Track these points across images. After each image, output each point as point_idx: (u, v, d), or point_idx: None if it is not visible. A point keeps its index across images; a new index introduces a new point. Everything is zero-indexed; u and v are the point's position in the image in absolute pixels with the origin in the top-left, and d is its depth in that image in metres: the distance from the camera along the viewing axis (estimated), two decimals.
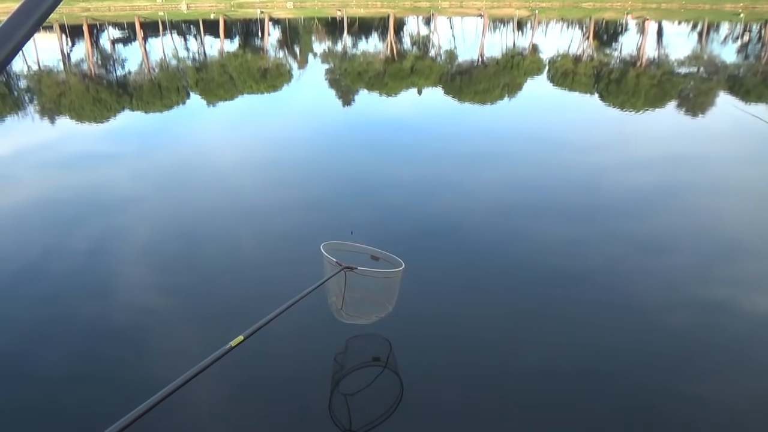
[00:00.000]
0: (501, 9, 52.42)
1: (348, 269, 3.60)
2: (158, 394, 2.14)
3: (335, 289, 3.77)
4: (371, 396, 3.60)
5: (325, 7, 55.89)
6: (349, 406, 3.52)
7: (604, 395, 3.54)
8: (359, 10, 52.34)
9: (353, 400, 3.56)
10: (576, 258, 5.36)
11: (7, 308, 4.62)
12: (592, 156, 8.83)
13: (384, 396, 3.56)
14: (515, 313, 4.45)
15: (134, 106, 14.02)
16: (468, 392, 3.57)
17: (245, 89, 16.56)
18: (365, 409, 3.46)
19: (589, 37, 30.69)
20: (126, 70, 21.11)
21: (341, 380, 3.77)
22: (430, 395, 3.55)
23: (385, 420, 3.35)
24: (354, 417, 3.42)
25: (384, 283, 3.75)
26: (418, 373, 3.76)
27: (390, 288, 3.80)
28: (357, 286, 3.67)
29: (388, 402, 3.49)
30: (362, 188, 7.44)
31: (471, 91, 15.67)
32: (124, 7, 55.07)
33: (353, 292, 3.70)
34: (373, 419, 3.36)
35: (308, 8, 55.26)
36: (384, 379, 3.75)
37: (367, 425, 3.32)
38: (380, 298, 3.84)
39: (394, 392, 3.59)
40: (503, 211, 6.55)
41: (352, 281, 3.63)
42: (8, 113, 13.50)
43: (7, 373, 3.83)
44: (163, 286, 4.95)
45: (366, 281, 3.63)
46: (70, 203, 7.05)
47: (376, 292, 3.79)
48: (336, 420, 3.37)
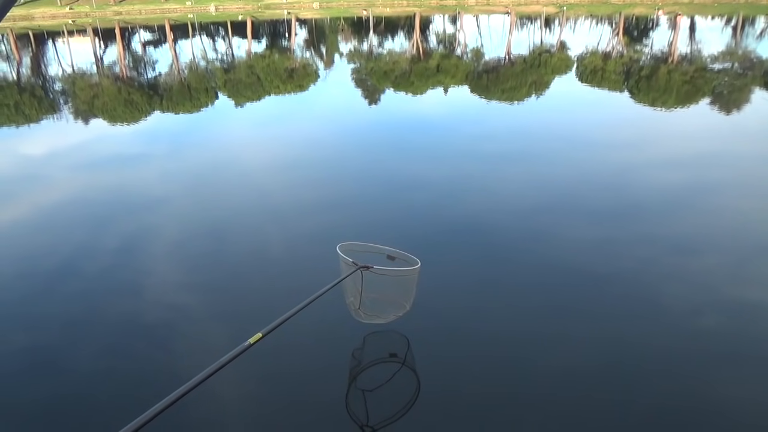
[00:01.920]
0: (528, 6, 51.89)
1: (364, 268, 3.63)
2: (179, 389, 2.21)
3: (352, 289, 3.79)
4: (388, 392, 3.61)
5: (351, 6, 56.08)
6: (366, 402, 3.53)
7: (630, 396, 3.48)
8: (385, 10, 52.39)
9: (370, 396, 3.58)
10: (604, 258, 5.28)
11: (43, 304, 4.76)
12: (622, 154, 8.67)
13: (401, 392, 3.57)
14: (540, 312, 4.40)
15: (164, 108, 14.30)
16: (490, 390, 3.55)
17: (272, 90, 16.74)
18: (382, 405, 3.48)
19: (618, 33, 30.16)
20: (156, 72, 21.53)
21: (358, 376, 3.79)
22: (449, 392, 3.54)
23: (402, 416, 3.36)
24: (371, 412, 3.42)
25: (400, 282, 3.76)
26: (436, 369, 3.76)
27: (407, 286, 3.80)
28: (374, 286, 3.68)
29: (405, 398, 3.50)
30: (388, 187, 7.46)
31: (498, 90, 15.54)
32: (155, 10, 56.12)
33: (370, 292, 3.72)
34: (390, 415, 3.36)
35: (334, 8, 55.53)
36: (401, 375, 3.76)
37: (383, 421, 3.34)
38: (397, 297, 3.86)
39: (411, 389, 3.59)
40: (530, 211, 6.49)
41: (368, 281, 3.65)
42: (44, 115, 13.90)
43: (42, 366, 3.94)
44: (190, 283, 5.04)
45: (382, 280, 3.65)
46: (102, 203, 7.23)
47: (393, 291, 3.80)
48: (353, 415, 3.39)
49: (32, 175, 8.65)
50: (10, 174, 8.74)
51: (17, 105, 15.12)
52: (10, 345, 4.19)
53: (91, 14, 54.01)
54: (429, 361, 3.86)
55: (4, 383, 3.76)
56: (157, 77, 19.91)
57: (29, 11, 54.01)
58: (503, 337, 4.12)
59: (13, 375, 3.85)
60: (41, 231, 6.39)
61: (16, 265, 5.52)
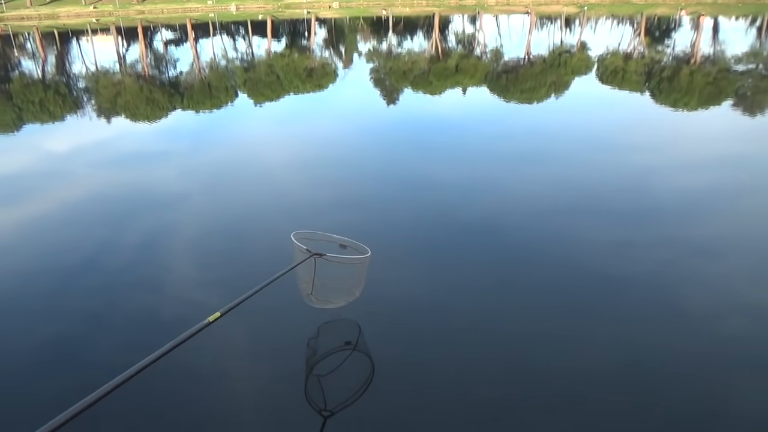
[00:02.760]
0: (549, 6, 51.47)
1: (317, 255, 3.77)
2: (138, 364, 2.39)
3: (305, 275, 3.92)
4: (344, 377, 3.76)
5: (371, 6, 56.13)
6: (323, 388, 3.66)
7: (648, 399, 3.45)
8: (404, 9, 52.35)
9: (326, 382, 3.71)
10: (622, 260, 5.23)
11: (64, 298, 4.86)
12: (642, 156, 8.58)
13: (356, 378, 3.71)
14: (556, 313, 4.38)
15: (185, 106, 14.46)
16: (506, 393, 3.55)
17: (291, 89, 16.83)
18: (339, 390, 3.60)
19: (640, 33, 29.78)
20: (178, 70, 21.78)
21: (316, 364, 3.91)
22: (456, 395, 3.55)
23: (358, 399, 3.51)
24: (328, 397, 3.56)
25: (351, 270, 3.94)
26: (450, 370, 3.76)
27: (357, 274, 3.98)
28: (326, 273, 3.84)
29: (359, 383, 3.65)
30: (405, 187, 7.47)
31: (517, 90, 15.46)
32: (177, 9, 56.71)
33: (322, 279, 3.88)
34: (347, 398, 3.51)
35: (354, 8, 55.61)
36: (355, 361, 3.92)
37: (341, 404, 3.48)
38: (348, 284, 4.03)
39: (366, 374, 3.75)
40: (547, 212, 6.45)
41: (321, 268, 3.81)
42: (68, 113, 14.15)
43: (63, 359, 4.03)
44: (208, 280, 5.11)
45: (335, 268, 3.81)
46: (123, 199, 7.35)
47: (344, 278, 3.98)
48: (311, 401, 3.52)
49: (56, 172, 8.83)
50: (35, 170, 8.92)
51: (42, 102, 15.41)
52: (33, 337, 4.29)
53: (115, 13, 54.76)
54: (444, 362, 3.87)
55: (28, 375, 3.86)
56: (179, 76, 20.15)
57: (54, 10, 54.93)
58: (518, 337, 4.12)
59: (35, 367, 3.95)
60: (64, 226, 6.52)
61: (40, 259, 5.64)
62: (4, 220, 6.74)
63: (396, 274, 5.07)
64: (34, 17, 52.79)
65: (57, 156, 9.86)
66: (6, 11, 52.91)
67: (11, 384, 3.78)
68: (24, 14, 53.15)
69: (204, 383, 3.75)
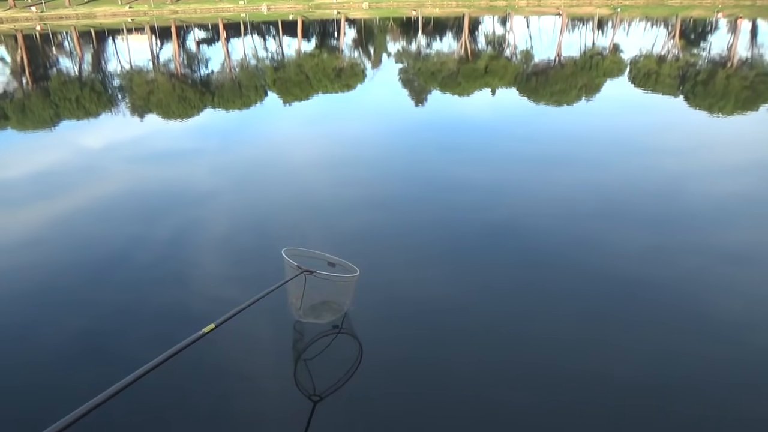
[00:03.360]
0: (581, 7, 50.79)
1: (307, 272, 3.83)
2: (137, 372, 2.53)
3: (295, 291, 3.98)
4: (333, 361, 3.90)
5: (401, 7, 56.15)
6: (312, 373, 3.80)
7: (674, 408, 3.38)
8: (434, 10, 52.24)
9: (314, 366, 3.88)
10: (651, 266, 5.13)
11: (95, 292, 4.98)
12: (674, 161, 8.40)
13: (345, 365, 3.83)
14: (580, 319, 4.32)
15: (215, 104, 14.68)
16: (529, 400, 3.52)
17: (320, 88, 16.94)
18: (328, 376, 3.74)
19: (674, 36, 29.17)
20: (209, 69, 22.12)
21: (305, 349, 4.07)
22: (471, 395, 3.53)
23: (346, 383, 3.66)
24: (317, 383, 3.69)
25: (340, 287, 4.02)
26: (466, 371, 3.74)
27: (345, 291, 4.07)
28: (315, 290, 3.92)
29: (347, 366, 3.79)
30: (432, 188, 7.45)
31: (547, 92, 15.29)
32: (209, 9, 57.58)
33: (311, 295, 3.97)
34: (335, 382, 3.65)
35: (383, 8, 55.71)
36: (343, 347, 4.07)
37: (329, 389, 3.62)
38: (336, 301, 4.14)
39: (354, 359, 3.88)
40: (575, 216, 6.36)
41: (310, 285, 3.87)
42: (103, 110, 14.49)
43: (91, 351, 4.13)
44: (235, 276, 5.17)
45: (323, 284, 3.89)
46: (154, 195, 7.50)
47: (333, 295, 4.08)
48: (301, 387, 3.66)
49: (90, 167, 9.05)
50: (70, 165, 9.16)
51: (78, 99, 15.81)
52: (64, 330, 4.40)
53: (150, 13, 55.87)
54: (461, 362, 3.85)
55: (58, 367, 3.96)
56: (210, 75, 20.46)
57: (92, 10, 56.30)
58: (540, 341, 4.07)
59: (66, 359, 4.05)
60: (97, 221, 6.67)
61: (72, 253, 5.79)
62: (39, 214, 6.93)
63: (419, 275, 5.06)
64: (72, 17, 54.20)
65: (91, 152, 10.11)
66: (46, 11, 54.42)
67: (42, 375, 3.89)
68: (63, 14, 54.60)
69: (196, 373, 3.84)
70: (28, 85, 19.03)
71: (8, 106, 15.02)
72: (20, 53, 28.89)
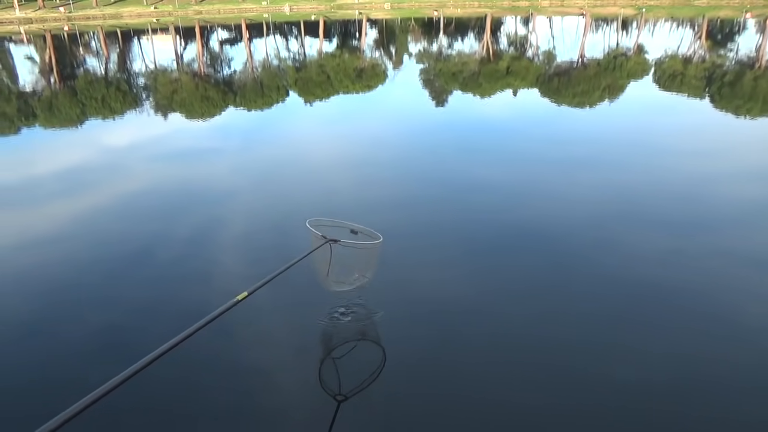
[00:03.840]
0: (605, 8, 50.21)
1: (333, 241, 3.98)
2: (172, 340, 2.68)
3: (321, 260, 4.12)
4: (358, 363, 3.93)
5: (422, 7, 56.09)
6: (339, 373, 3.85)
7: (696, 414, 3.33)
8: (456, 11, 52.07)
9: (341, 368, 3.91)
10: (674, 270, 5.04)
11: (117, 288, 5.05)
12: (700, 164, 8.25)
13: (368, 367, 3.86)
14: (600, 322, 4.26)
15: (237, 104, 14.83)
16: (552, 402, 3.49)
17: (341, 89, 17.00)
18: (353, 376, 3.78)
19: (701, 36, 28.67)
20: (232, 69, 22.33)
21: (332, 350, 4.11)
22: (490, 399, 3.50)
23: (370, 384, 3.68)
24: (343, 382, 3.73)
25: (364, 254, 4.13)
26: (485, 374, 3.72)
27: (369, 259, 4.18)
28: (340, 258, 4.05)
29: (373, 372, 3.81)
30: (452, 189, 7.43)
31: (569, 93, 15.14)
32: (233, 10, 58.18)
33: (336, 263, 4.10)
34: (360, 383, 3.69)
35: (405, 9, 55.70)
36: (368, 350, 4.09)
37: (354, 389, 3.65)
38: (361, 268, 4.23)
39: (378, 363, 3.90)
40: (597, 218, 6.29)
41: (335, 253, 4.02)
42: (128, 109, 14.72)
43: (113, 347, 4.20)
44: (255, 275, 5.20)
45: (348, 252, 4.03)
46: (176, 193, 7.60)
47: (358, 262, 4.17)
48: (326, 386, 3.69)
49: (114, 165, 9.20)
50: (95, 163, 9.32)
51: (104, 98, 16.09)
52: (87, 326, 4.47)
53: (174, 13, 56.65)
54: (479, 365, 3.83)
55: (80, 363, 4.02)
56: (232, 74, 20.66)
57: (118, 10, 57.27)
58: (559, 344, 4.02)
59: (87, 354, 4.11)
60: (119, 218, 6.77)
61: (95, 250, 5.88)
62: (64, 211, 7.06)
63: (439, 276, 5.05)
64: (99, 17, 55.19)
65: (116, 150, 10.27)
66: (74, 11, 55.47)
67: (65, 369, 3.96)
68: (90, 14, 55.64)
69: (220, 365, 3.90)
70: (56, 84, 19.41)
71: (36, 105, 15.35)
72: (48, 53, 29.50)
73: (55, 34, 41.31)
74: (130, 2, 60.77)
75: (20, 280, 5.30)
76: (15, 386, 3.79)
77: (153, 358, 2.53)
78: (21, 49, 32.92)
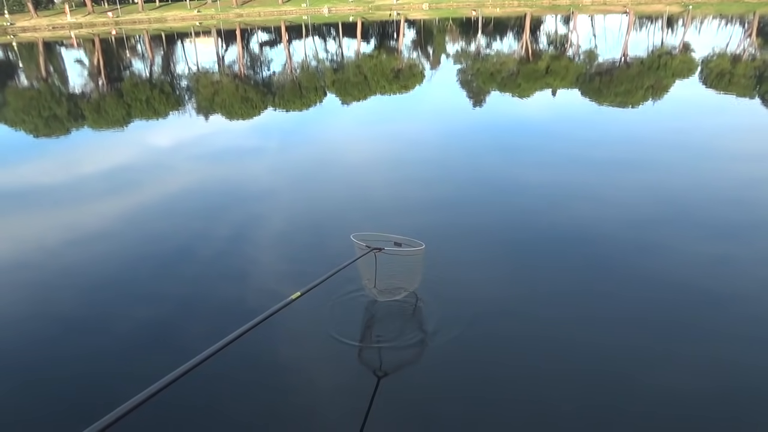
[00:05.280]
0: (649, 5, 48.93)
1: (376, 250, 4.14)
2: (237, 331, 2.89)
3: (367, 271, 4.32)
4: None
5: (461, 7, 55.76)
6: (380, 353, 4.04)
7: (741, 426, 3.21)
8: (495, 10, 51.59)
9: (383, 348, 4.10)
10: (722, 276, 4.89)
11: (159, 284, 5.21)
12: (750, 167, 7.95)
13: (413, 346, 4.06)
14: (644, 327, 4.16)
15: (276, 105, 15.04)
16: (590, 407, 3.42)
17: (378, 89, 17.04)
18: (393, 354, 3.99)
19: (751, 34, 27.63)
20: (271, 71, 22.67)
21: (373, 327, 4.36)
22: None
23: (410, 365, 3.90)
24: (384, 361, 3.94)
25: (408, 262, 4.27)
26: (515, 374, 3.67)
27: (414, 267, 4.31)
28: (385, 268, 4.23)
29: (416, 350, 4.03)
30: (490, 190, 7.37)
31: (611, 93, 14.80)
32: (272, 12, 59.03)
33: (382, 273, 4.27)
34: (400, 363, 3.91)
35: (443, 9, 55.48)
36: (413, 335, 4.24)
37: (394, 369, 3.86)
38: (406, 277, 4.38)
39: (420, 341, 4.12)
40: (642, 221, 6.13)
41: (381, 263, 4.18)
42: (171, 110, 15.11)
43: (154, 342, 4.32)
44: (292, 273, 5.27)
45: (393, 261, 4.19)
46: (217, 193, 7.76)
47: (403, 271, 4.33)
48: (364, 361, 3.95)
49: (158, 165, 9.48)
50: (139, 163, 9.61)
51: (148, 100, 16.56)
52: (135, 321, 4.61)
53: (216, 16, 57.81)
54: (514, 367, 3.79)
55: (129, 357, 4.16)
56: (272, 76, 20.97)
57: (163, 14, 58.82)
58: (601, 349, 3.95)
59: (135, 349, 4.24)
60: (161, 216, 6.97)
61: (140, 248, 6.06)
62: (111, 209, 7.29)
63: (477, 277, 5.02)
64: (145, 21, 56.81)
65: (159, 151, 10.57)
66: (121, 15, 57.25)
67: (111, 362, 4.10)
68: (136, 18, 57.32)
69: (273, 341, 3.94)
70: (103, 87, 20.08)
71: (85, 107, 15.91)
72: (96, 56, 30.54)
73: (103, 38, 42.73)
74: (174, 6, 62.36)
75: (69, 275, 5.51)
76: (64, 380, 3.93)
77: (208, 355, 2.69)
78: (71, 53, 34.21)
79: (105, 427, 2.06)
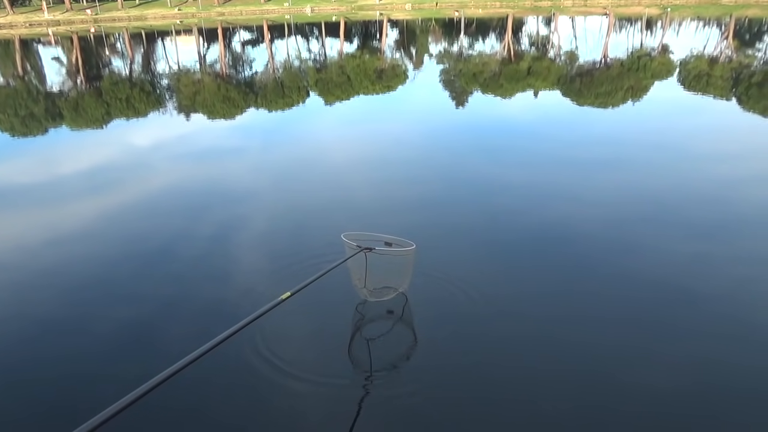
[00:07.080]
0: (629, 7, 49.59)
1: (367, 250, 4.12)
2: (228, 330, 2.87)
3: (358, 270, 4.28)
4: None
5: (443, 8, 55.96)
6: (370, 350, 4.08)
7: (717, 422, 3.27)
8: (477, 11, 51.86)
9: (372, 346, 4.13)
10: (699, 275, 4.97)
11: (139, 285, 5.14)
12: (726, 167, 8.10)
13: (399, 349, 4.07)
14: (622, 326, 4.20)
15: (259, 104, 14.96)
16: (583, 411, 3.46)
17: (361, 89, 17.04)
18: (382, 354, 4.00)
19: (728, 36, 28.14)
20: (253, 70, 22.53)
21: (362, 327, 4.36)
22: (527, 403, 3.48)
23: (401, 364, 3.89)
24: (373, 359, 3.95)
25: (399, 263, 4.24)
26: (512, 375, 3.70)
27: (405, 268, 4.29)
28: (376, 268, 4.18)
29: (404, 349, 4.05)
30: (472, 191, 7.41)
31: (591, 94, 14.98)
32: (255, 11, 58.68)
33: (373, 273, 4.23)
34: (389, 363, 3.90)
35: (426, 9, 55.63)
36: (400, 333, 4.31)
37: (383, 368, 3.85)
38: (397, 277, 4.36)
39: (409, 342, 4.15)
40: (620, 221, 6.21)
41: (371, 263, 4.15)
42: (151, 109, 14.94)
43: (136, 343, 4.26)
44: (274, 273, 5.24)
45: (383, 262, 4.15)
46: (198, 192, 7.69)
47: (393, 272, 4.30)
48: (354, 361, 3.93)
49: (138, 165, 9.35)
50: (119, 163, 9.48)
51: (128, 99, 16.36)
52: (115, 322, 4.54)
53: (197, 15, 57.31)
54: (499, 367, 3.82)
55: (109, 358, 4.09)
56: (254, 75, 20.85)
57: (143, 12, 58.13)
58: (581, 348, 3.98)
59: (117, 350, 4.18)
60: (144, 217, 6.88)
61: (120, 248, 5.97)
62: (91, 209, 7.19)
63: (459, 276, 5.04)
64: (124, 19, 56.08)
65: (139, 150, 10.44)
66: (100, 13, 56.46)
67: (92, 363, 4.03)
68: (115, 16, 56.58)
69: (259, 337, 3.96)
70: (82, 85, 19.79)
71: (63, 105, 15.67)
72: (75, 54, 30.07)
73: (82, 35, 42.10)
74: (154, 4, 61.65)
75: (49, 275, 5.42)
76: (45, 382, 3.87)
77: (198, 356, 2.66)
78: (49, 51, 33.63)
79: (92, 429, 2.03)
